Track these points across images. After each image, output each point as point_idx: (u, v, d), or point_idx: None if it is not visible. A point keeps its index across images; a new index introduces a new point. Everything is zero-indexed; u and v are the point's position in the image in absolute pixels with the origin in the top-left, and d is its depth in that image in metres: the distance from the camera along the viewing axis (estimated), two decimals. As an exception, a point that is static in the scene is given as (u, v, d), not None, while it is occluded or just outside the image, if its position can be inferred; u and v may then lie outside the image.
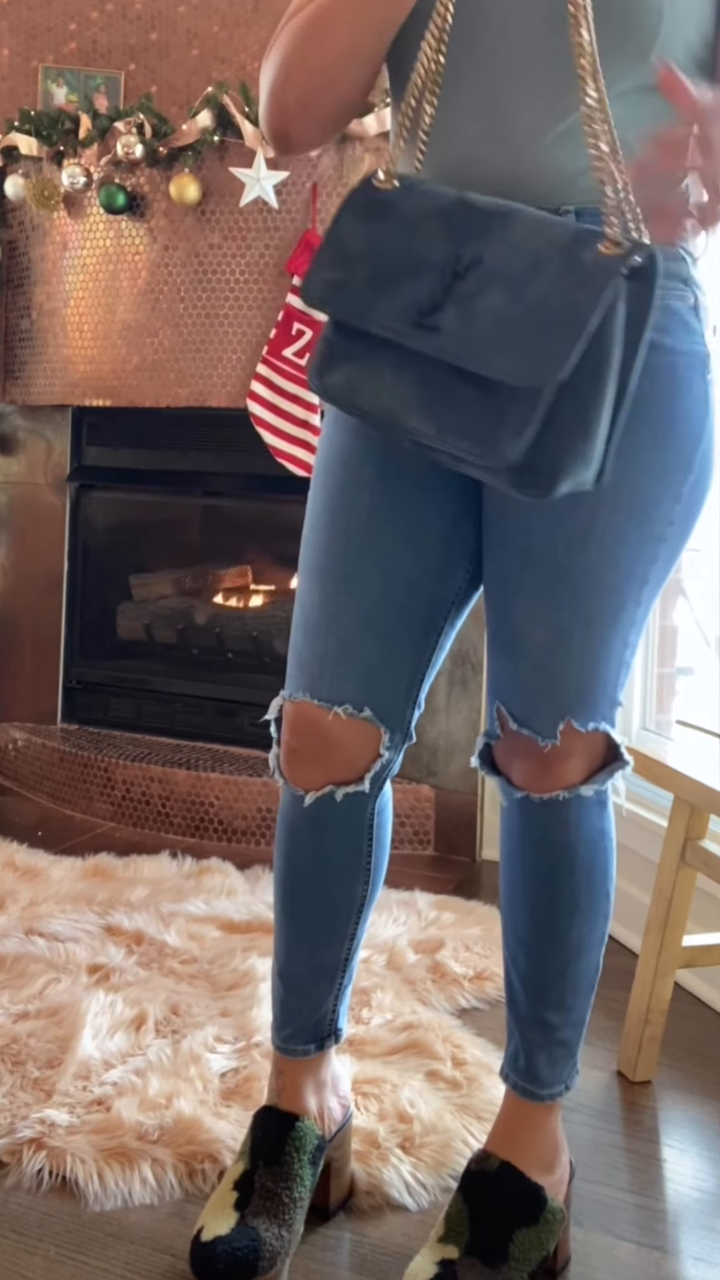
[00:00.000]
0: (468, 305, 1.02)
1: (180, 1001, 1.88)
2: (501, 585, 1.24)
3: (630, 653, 1.24)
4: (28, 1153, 1.49)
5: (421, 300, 1.03)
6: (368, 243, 1.07)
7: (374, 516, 1.24)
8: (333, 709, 1.25)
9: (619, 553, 1.18)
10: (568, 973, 1.29)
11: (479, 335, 1.01)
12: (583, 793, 1.23)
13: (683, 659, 2.60)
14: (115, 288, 2.98)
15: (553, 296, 0.99)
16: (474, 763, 1.31)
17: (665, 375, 1.17)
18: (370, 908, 1.39)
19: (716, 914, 2.00)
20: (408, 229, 1.06)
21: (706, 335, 1.21)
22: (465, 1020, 1.89)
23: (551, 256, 1.00)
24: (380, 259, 1.06)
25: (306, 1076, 1.39)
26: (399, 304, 1.04)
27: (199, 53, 3.17)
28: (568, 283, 0.99)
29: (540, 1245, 1.26)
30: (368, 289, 1.06)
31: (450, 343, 1.02)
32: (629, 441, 1.16)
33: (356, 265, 1.07)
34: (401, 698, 1.29)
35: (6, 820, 2.95)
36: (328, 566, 1.26)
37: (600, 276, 0.98)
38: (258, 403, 2.78)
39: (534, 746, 1.22)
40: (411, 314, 1.03)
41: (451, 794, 2.76)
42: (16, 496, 3.37)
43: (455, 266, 1.03)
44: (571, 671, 1.20)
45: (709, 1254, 1.39)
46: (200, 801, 2.87)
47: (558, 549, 1.18)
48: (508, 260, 1.02)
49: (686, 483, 1.20)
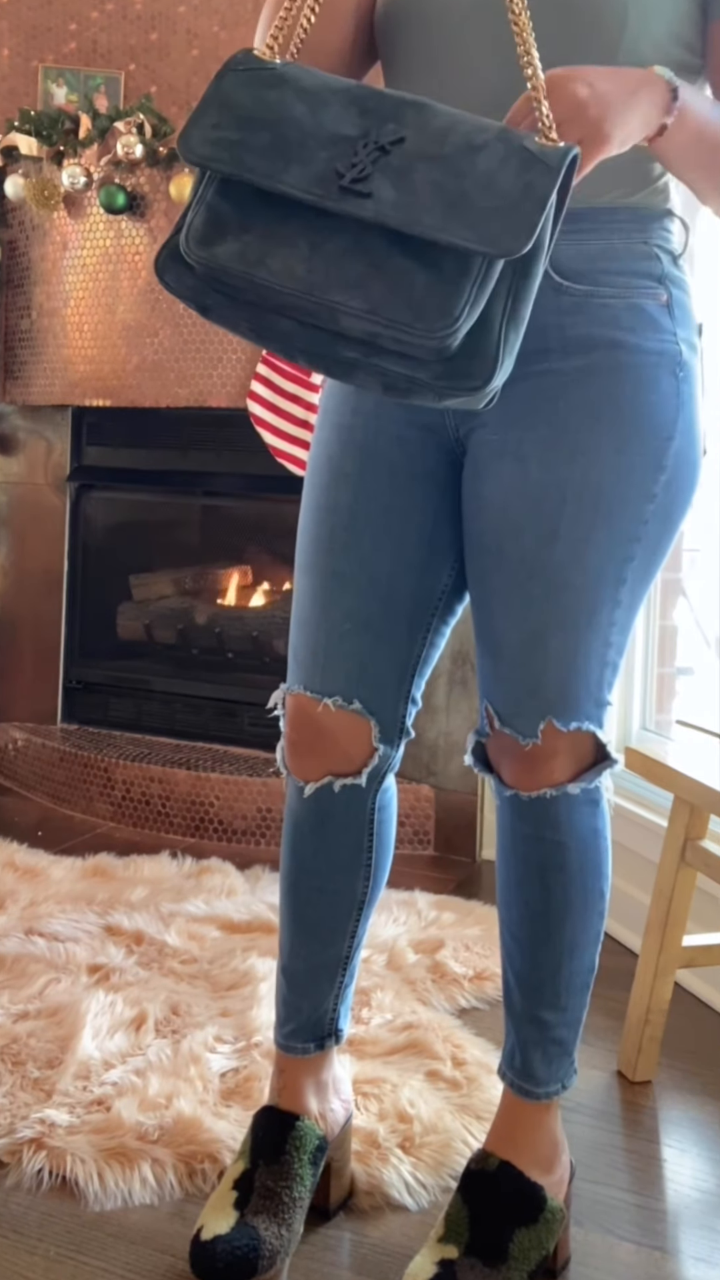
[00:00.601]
0: (402, 177, 0.96)
1: (180, 1001, 1.88)
2: (479, 585, 1.25)
3: (615, 652, 1.24)
4: (28, 1153, 1.49)
5: (342, 168, 0.96)
6: (266, 107, 1.00)
7: (355, 513, 1.27)
8: (322, 700, 1.28)
9: (588, 552, 1.18)
10: (561, 971, 1.29)
11: (423, 204, 0.95)
12: (570, 791, 1.24)
13: (683, 659, 2.60)
14: (115, 288, 2.98)
15: (502, 175, 0.96)
16: (468, 760, 1.31)
17: (629, 373, 1.17)
18: (371, 907, 1.40)
19: (716, 914, 2.00)
20: (313, 100, 1.00)
21: (684, 334, 1.20)
22: (465, 1020, 1.89)
23: (490, 141, 0.97)
24: (284, 124, 0.99)
25: (308, 1077, 1.39)
26: (314, 169, 0.97)
27: (199, 53, 3.17)
28: (515, 164, 0.96)
29: (540, 1245, 1.26)
30: (272, 151, 0.98)
31: (390, 210, 0.95)
32: (591, 439, 1.17)
33: (255, 127, 0.99)
34: (392, 692, 1.30)
35: (6, 820, 2.95)
36: (317, 562, 1.29)
37: (552, 159, 0.96)
38: (258, 403, 2.78)
39: (518, 745, 1.23)
40: (333, 180, 0.96)
41: (451, 794, 2.76)
42: (16, 496, 3.37)
43: (375, 141, 0.98)
44: (550, 671, 1.20)
45: (709, 1254, 1.39)
46: (200, 801, 2.87)
47: (526, 547, 1.19)
48: (436, 142, 0.98)
49: (659, 482, 1.19)
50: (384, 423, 1.27)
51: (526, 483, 1.18)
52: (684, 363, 1.20)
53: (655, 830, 2.14)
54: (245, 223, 0.98)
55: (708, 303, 2.31)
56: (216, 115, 1.00)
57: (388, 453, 1.26)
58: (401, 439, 1.26)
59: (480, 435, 1.23)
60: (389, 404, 1.26)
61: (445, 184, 0.96)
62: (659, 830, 2.08)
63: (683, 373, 1.20)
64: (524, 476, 1.19)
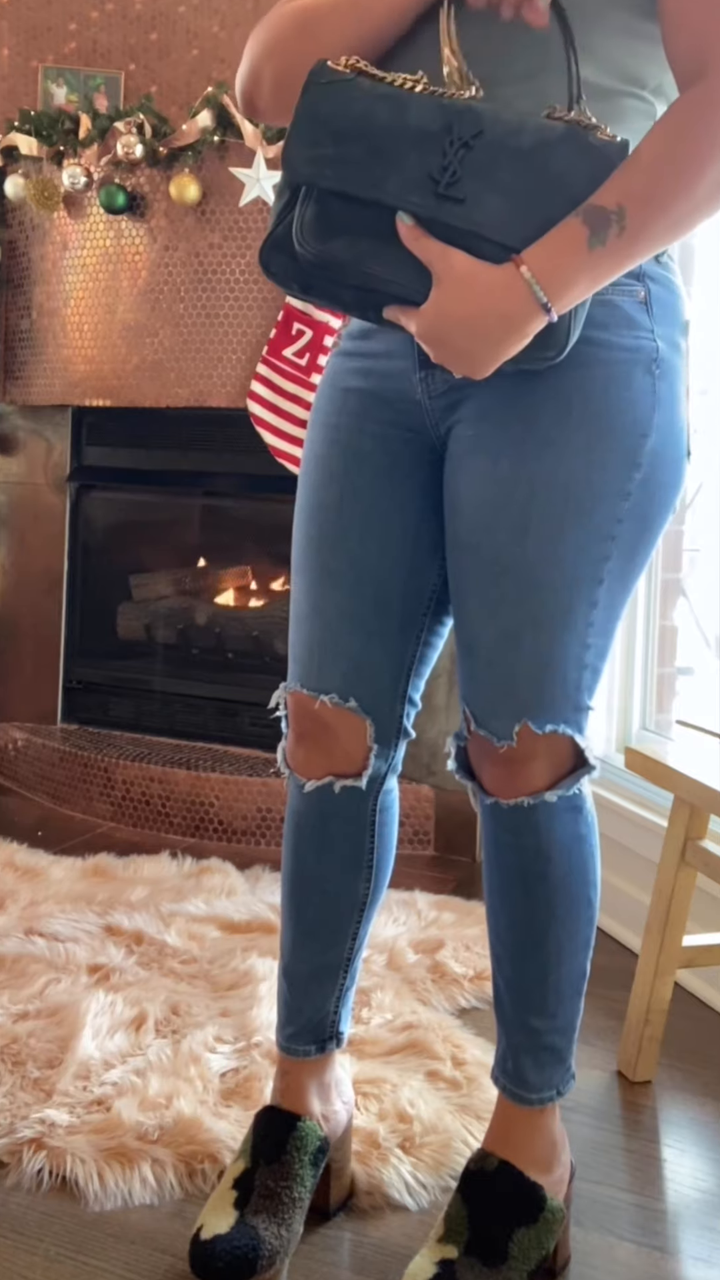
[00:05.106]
0: (487, 176, 1.04)
1: (180, 1001, 1.88)
2: (456, 583, 1.25)
3: (594, 656, 1.22)
4: (28, 1153, 1.49)
5: (435, 172, 1.05)
6: (354, 119, 1.07)
7: (343, 511, 1.28)
8: (319, 698, 1.29)
9: (560, 549, 1.17)
10: (549, 978, 1.28)
11: (501, 206, 1.05)
12: (548, 799, 1.22)
13: (683, 659, 2.60)
14: (115, 288, 2.98)
15: (573, 173, 1.05)
16: (450, 766, 1.30)
17: (601, 370, 1.17)
18: (373, 909, 1.40)
19: (716, 914, 2.00)
20: (393, 103, 1.06)
21: (663, 331, 1.20)
22: (465, 1020, 1.89)
23: (554, 138, 1.05)
24: (374, 134, 1.06)
25: (310, 1078, 1.39)
26: (410, 175, 1.05)
27: (199, 53, 3.17)
28: (584, 161, 1.05)
29: (540, 1244, 1.26)
30: (368, 161, 1.06)
31: (479, 213, 1.05)
32: (562, 435, 1.16)
33: (348, 140, 1.06)
34: (388, 691, 1.31)
35: (6, 820, 2.95)
36: (309, 560, 1.30)
37: (615, 155, 1.06)
38: (258, 402, 2.78)
39: (494, 748, 1.22)
40: (429, 185, 1.05)
41: (451, 794, 2.76)
42: (16, 496, 3.37)
43: (459, 138, 1.05)
44: (524, 671, 1.20)
45: (709, 1254, 1.39)
46: (200, 801, 2.87)
47: (500, 544, 1.19)
48: (512, 135, 1.05)
49: (633, 480, 1.18)
50: (367, 423, 1.27)
51: (498, 477, 1.18)
52: (661, 360, 1.19)
53: (655, 830, 2.14)
54: (353, 223, 1.07)
55: (708, 303, 2.31)
56: (310, 132, 1.08)
57: (372, 453, 1.27)
58: (384, 439, 1.27)
59: (457, 432, 1.23)
60: (374, 405, 1.27)
61: (523, 184, 1.05)
62: (659, 830, 2.08)
63: (660, 370, 1.19)
64: (496, 471, 1.18)
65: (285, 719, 1.35)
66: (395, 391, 1.26)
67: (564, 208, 1.05)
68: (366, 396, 1.28)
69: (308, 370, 2.74)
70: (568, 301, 1.07)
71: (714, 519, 2.61)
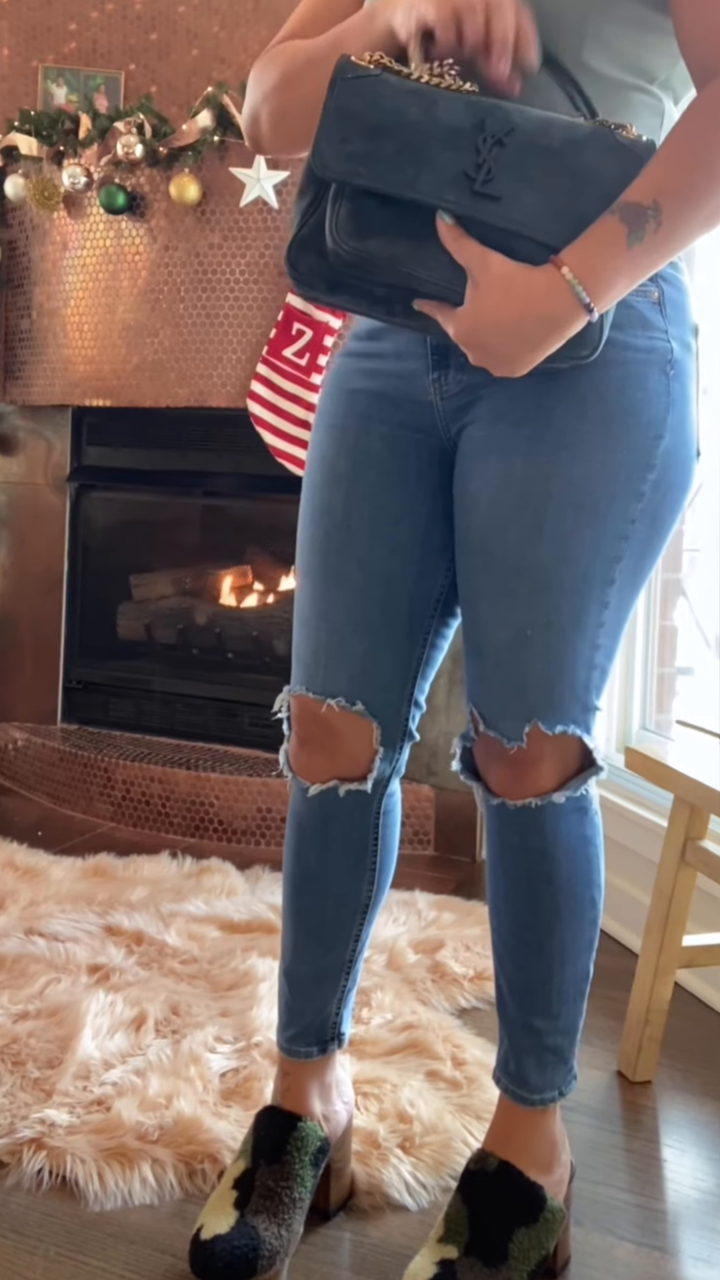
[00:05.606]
0: (521, 174, 1.04)
1: (180, 1001, 1.88)
2: (467, 583, 1.25)
3: (603, 656, 1.22)
4: (28, 1153, 1.49)
5: (470, 170, 1.04)
6: (385, 114, 1.05)
7: (349, 514, 1.27)
8: (326, 701, 1.28)
9: (574, 550, 1.17)
10: (552, 979, 1.28)
11: (537, 204, 1.05)
12: (555, 800, 1.22)
13: (683, 659, 2.60)
14: (115, 288, 2.98)
15: (604, 170, 1.05)
16: (455, 767, 1.30)
17: (616, 370, 1.16)
18: (375, 911, 1.39)
19: (716, 914, 2.00)
20: (422, 99, 1.05)
21: (676, 332, 1.20)
22: (465, 1020, 1.89)
23: (582, 136, 1.06)
24: (406, 130, 1.05)
25: (311, 1079, 1.39)
26: (444, 173, 1.04)
27: (199, 53, 3.17)
28: (613, 159, 1.06)
29: (540, 1244, 1.26)
30: (401, 158, 1.04)
31: (517, 211, 1.04)
32: (577, 435, 1.16)
33: (380, 137, 1.05)
34: (395, 694, 1.30)
35: (6, 820, 2.96)
36: (315, 563, 1.29)
37: (644, 152, 1.07)
38: (258, 403, 2.78)
39: (503, 749, 1.22)
40: (464, 183, 1.04)
41: (451, 794, 2.76)
42: (16, 496, 3.37)
43: (491, 135, 1.04)
44: (535, 672, 1.19)
45: (709, 1254, 1.39)
46: (200, 801, 2.87)
47: (512, 544, 1.18)
48: (541, 133, 1.05)
49: (647, 481, 1.19)
50: (375, 424, 1.27)
51: (512, 477, 1.18)
52: (675, 360, 1.19)
53: (655, 830, 2.14)
54: (388, 221, 1.06)
55: (708, 303, 2.31)
56: (341, 128, 1.06)
57: (379, 454, 1.26)
58: (393, 440, 1.26)
59: (469, 433, 1.23)
60: (382, 406, 1.26)
61: (556, 183, 1.05)
62: (659, 830, 2.08)
63: (674, 370, 1.19)
64: (510, 471, 1.18)
65: (287, 722, 1.34)
66: (404, 392, 1.25)
67: (598, 205, 1.05)
68: (374, 397, 1.27)
69: (308, 370, 2.74)
70: (609, 300, 1.07)
71: (714, 519, 2.61)
